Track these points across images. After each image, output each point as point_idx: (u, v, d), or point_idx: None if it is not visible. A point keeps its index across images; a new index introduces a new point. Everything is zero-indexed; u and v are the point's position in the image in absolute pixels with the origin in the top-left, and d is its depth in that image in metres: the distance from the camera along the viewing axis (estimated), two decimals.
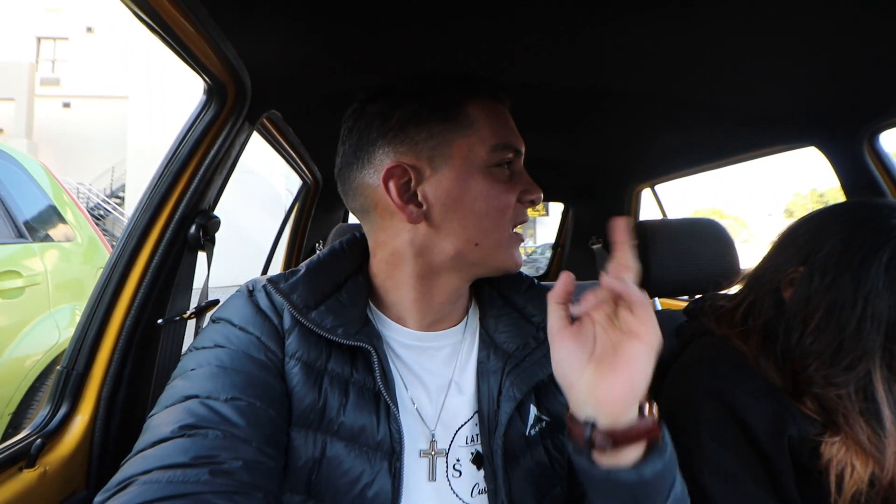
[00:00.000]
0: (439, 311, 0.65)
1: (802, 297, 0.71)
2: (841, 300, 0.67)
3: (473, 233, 0.60)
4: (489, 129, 0.60)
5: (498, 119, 0.62)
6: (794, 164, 21.17)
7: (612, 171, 2.10)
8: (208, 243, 0.96)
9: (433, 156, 0.59)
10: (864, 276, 0.66)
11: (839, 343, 0.67)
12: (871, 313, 0.65)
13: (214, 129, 0.91)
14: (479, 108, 0.61)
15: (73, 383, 0.82)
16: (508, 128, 0.63)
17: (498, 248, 0.61)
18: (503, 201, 0.60)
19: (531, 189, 0.63)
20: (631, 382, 0.46)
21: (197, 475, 0.44)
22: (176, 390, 0.52)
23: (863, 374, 0.66)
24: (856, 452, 0.66)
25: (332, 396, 0.57)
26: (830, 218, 0.74)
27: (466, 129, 0.60)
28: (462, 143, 0.59)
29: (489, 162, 0.60)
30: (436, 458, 0.59)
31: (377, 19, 0.78)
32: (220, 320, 0.60)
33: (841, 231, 0.71)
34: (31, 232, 2.25)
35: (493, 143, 0.60)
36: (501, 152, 0.60)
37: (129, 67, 14.92)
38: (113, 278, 0.85)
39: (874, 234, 0.67)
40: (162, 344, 0.91)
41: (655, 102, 1.19)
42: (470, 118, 0.60)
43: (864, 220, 0.70)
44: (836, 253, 0.69)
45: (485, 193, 0.59)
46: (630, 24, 0.80)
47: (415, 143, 0.59)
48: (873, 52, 0.84)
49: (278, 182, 13.25)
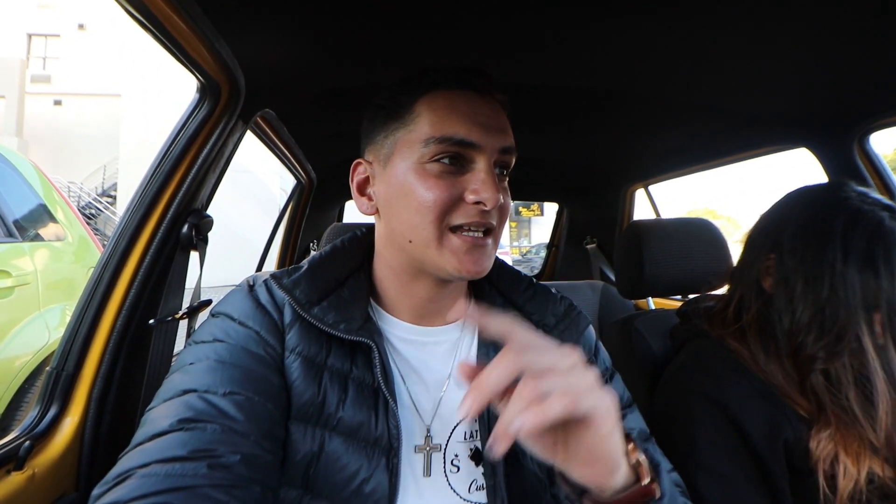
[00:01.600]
0: (426, 307, 0.65)
1: (780, 280, 0.76)
2: (812, 273, 0.72)
3: (405, 229, 0.60)
4: (428, 123, 0.59)
5: (445, 110, 0.59)
6: (786, 165, 21.48)
7: (607, 171, 2.11)
8: (201, 243, 0.95)
9: (387, 154, 0.62)
10: (826, 246, 0.71)
11: (822, 312, 0.71)
12: (842, 280, 0.69)
13: (207, 128, 0.90)
14: (427, 103, 0.60)
15: (62, 384, 0.81)
16: (455, 119, 0.58)
17: (428, 248, 0.58)
18: (430, 197, 0.57)
19: (479, 188, 0.57)
20: (602, 469, 0.42)
21: (195, 468, 0.44)
22: (174, 384, 0.53)
23: (853, 340, 0.69)
24: (846, 446, 0.67)
25: (331, 391, 0.57)
26: (788, 203, 0.80)
27: (410, 125, 0.60)
28: (404, 140, 0.60)
29: (424, 157, 0.58)
30: (431, 452, 0.59)
31: (371, 17, 0.78)
32: (219, 314, 0.60)
33: (799, 211, 0.77)
34: (21, 231, 2.23)
35: (426, 136, 0.58)
36: (436, 146, 0.57)
37: (122, 65, 14.78)
38: (104, 278, 0.84)
39: (828, 207, 0.73)
40: (153, 344, 0.91)
41: (649, 103, 1.20)
42: (414, 113, 0.60)
43: (817, 198, 0.76)
44: (798, 232, 0.75)
45: (413, 189, 0.58)
46: (624, 25, 0.80)
47: (375, 143, 0.64)
48: (863, 53, 0.85)
49: (272, 181, 13.18)
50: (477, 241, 0.58)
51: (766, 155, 1.49)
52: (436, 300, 0.65)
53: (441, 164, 0.58)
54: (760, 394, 0.74)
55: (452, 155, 0.58)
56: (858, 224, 0.70)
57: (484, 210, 0.57)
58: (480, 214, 0.58)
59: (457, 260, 0.58)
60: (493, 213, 0.59)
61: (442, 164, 0.58)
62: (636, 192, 2.27)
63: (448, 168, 0.58)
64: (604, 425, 0.40)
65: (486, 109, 0.60)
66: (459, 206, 0.58)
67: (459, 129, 0.58)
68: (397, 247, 0.62)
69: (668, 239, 1.12)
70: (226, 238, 5.44)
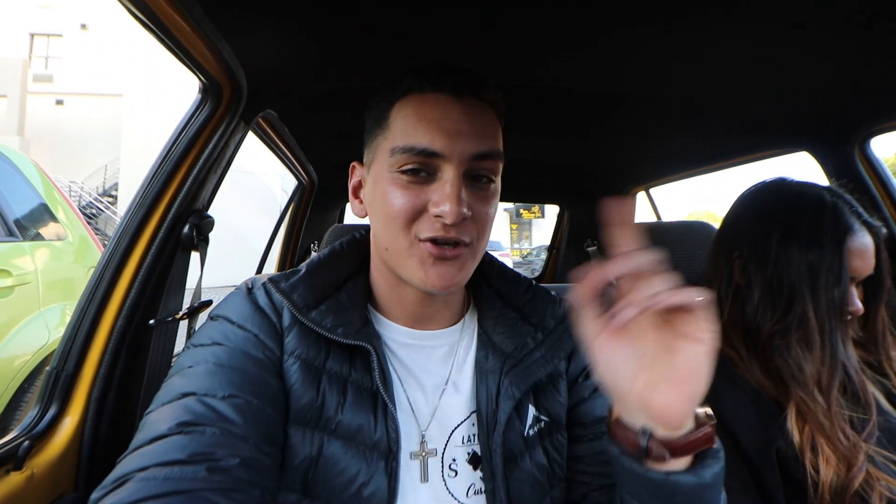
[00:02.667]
0: (419, 312, 0.64)
1: (742, 270, 0.81)
2: (760, 256, 0.78)
3: (381, 236, 0.60)
4: (400, 130, 0.57)
5: (412, 118, 0.57)
6: (786, 169, 21.61)
7: (608, 174, 2.11)
8: (202, 243, 0.95)
9: (371, 160, 0.63)
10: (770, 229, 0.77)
11: (770, 290, 0.76)
12: (785, 257, 0.75)
13: (209, 129, 0.90)
14: (398, 109, 0.59)
15: (62, 384, 0.81)
16: (419, 127, 0.56)
17: (400, 258, 0.58)
18: (395, 207, 0.56)
19: (439, 200, 0.55)
20: (691, 391, 0.42)
21: (194, 472, 0.44)
22: (173, 387, 0.52)
23: (799, 313, 0.73)
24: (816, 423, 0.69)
25: (330, 395, 0.57)
26: (741, 202, 0.86)
27: (386, 131, 0.59)
28: (381, 147, 0.60)
29: (393, 166, 0.57)
30: (427, 458, 0.59)
31: (374, 19, 0.78)
32: (218, 317, 0.60)
33: (748, 206, 0.84)
34: (22, 230, 2.23)
35: (392, 146, 0.57)
36: (400, 156, 0.56)
37: (124, 65, 14.82)
38: (104, 278, 0.84)
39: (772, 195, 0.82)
40: (153, 345, 0.91)
41: (651, 107, 1.20)
42: (389, 120, 0.59)
43: (763, 189, 0.84)
44: (747, 225, 0.82)
45: (384, 197, 0.57)
46: (627, 31, 0.80)
47: (367, 149, 0.64)
48: (865, 58, 0.85)
49: (273, 182, 13.20)
50: (444, 253, 0.56)
51: (767, 159, 1.49)
52: (427, 306, 0.64)
53: (408, 174, 0.56)
54: (753, 402, 0.74)
55: (418, 165, 0.56)
56: (799, 203, 0.77)
57: (447, 224, 0.54)
58: (444, 228, 0.55)
59: (423, 272, 0.56)
60: (463, 227, 0.56)
61: (409, 174, 0.56)
62: (637, 195, 2.28)
63: (414, 178, 0.56)
64: (709, 342, 0.41)
65: (458, 114, 0.57)
66: (424, 217, 0.56)
67: (422, 139, 0.55)
68: (380, 252, 0.62)
69: (669, 242, 1.12)
70: (227, 239, 5.45)
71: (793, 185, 0.80)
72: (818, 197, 0.76)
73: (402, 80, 0.60)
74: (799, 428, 0.70)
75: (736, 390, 0.75)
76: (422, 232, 0.56)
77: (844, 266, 0.72)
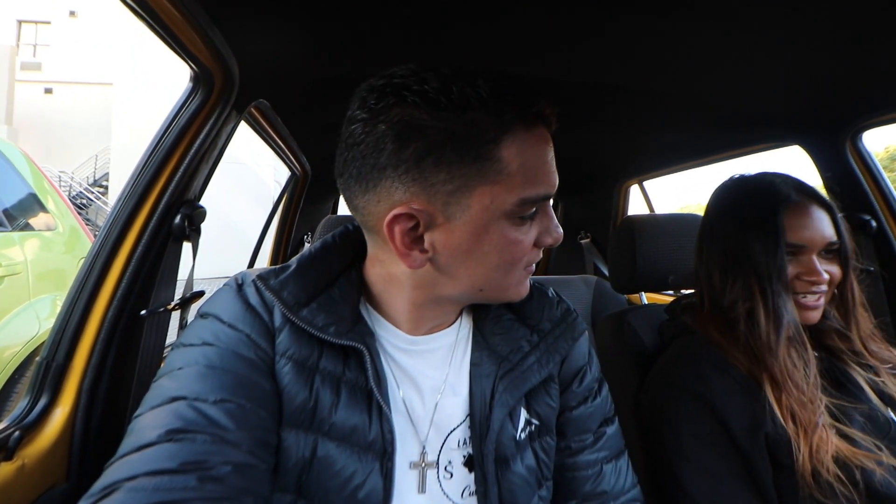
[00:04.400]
0: (432, 322, 0.64)
1: (704, 261, 0.89)
2: (719, 244, 0.86)
3: (480, 281, 0.56)
4: (522, 177, 0.51)
5: (535, 160, 0.53)
6: (779, 163, 21.58)
7: (601, 167, 2.12)
8: (193, 234, 0.95)
9: (449, 202, 0.51)
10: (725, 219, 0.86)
11: (723, 268, 0.84)
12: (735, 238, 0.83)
13: (201, 118, 0.89)
14: (514, 148, 0.51)
15: (53, 374, 0.80)
16: (545, 171, 0.53)
17: (505, 291, 0.59)
18: (518, 251, 0.55)
19: (551, 232, 0.56)
20: None
21: (185, 481, 0.43)
22: (162, 390, 0.51)
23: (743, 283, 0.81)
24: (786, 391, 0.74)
25: (323, 395, 0.55)
26: (710, 201, 0.93)
27: (495, 175, 0.50)
28: (486, 192, 0.51)
29: (514, 213, 0.52)
30: (426, 469, 0.58)
31: (369, 7, 0.77)
32: (207, 315, 0.58)
33: (712, 205, 0.91)
34: (11, 220, 2.21)
35: (523, 195, 0.51)
36: (531, 205, 0.53)
37: (114, 53, 14.58)
38: (95, 268, 0.83)
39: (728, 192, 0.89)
40: (145, 335, 0.90)
41: (644, 99, 1.20)
42: (502, 163, 0.50)
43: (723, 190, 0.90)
44: (710, 220, 0.90)
45: (500, 246, 0.53)
46: (619, 22, 0.80)
47: (430, 185, 0.50)
48: (856, 52, 0.85)
49: (266, 172, 13.10)
50: (529, 271, 0.60)
51: (759, 152, 1.50)
52: (443, 315, 0.64)
53: (525, 218, 0.54)
54: (743, 389, 0.75)
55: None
56: (748, 191, 0.86)
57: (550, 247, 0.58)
58: (541, 253, 0.59)
59: (522, 290, 0.60)
60: None
61: (526, 217, 0.54)
62: (630, 188, 2.29)
63: (531, 216, 0.55)
64: None
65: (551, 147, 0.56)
66: (532, 249, 0.57)
67: (548, 186, 0.54)
68: (444, 291, 0.59)
69: (662, 234, 1.13)
70: (219, 229, 5.41)
71: (748, 178, 0.88)
72: (759, 182, 0.86)
73: (505, 107, 0.50)
74: (776, 399, 0.73)
75: (725, 377, 0.77)
76: (530, 263, 0.58)
77: (780, 232, 0.78)
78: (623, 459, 0.68)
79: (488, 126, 0.50)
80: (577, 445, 0.66)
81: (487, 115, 0.50)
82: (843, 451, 0.69)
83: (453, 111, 0.49)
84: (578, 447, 0.66)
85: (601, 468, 0.66)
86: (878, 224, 1.17)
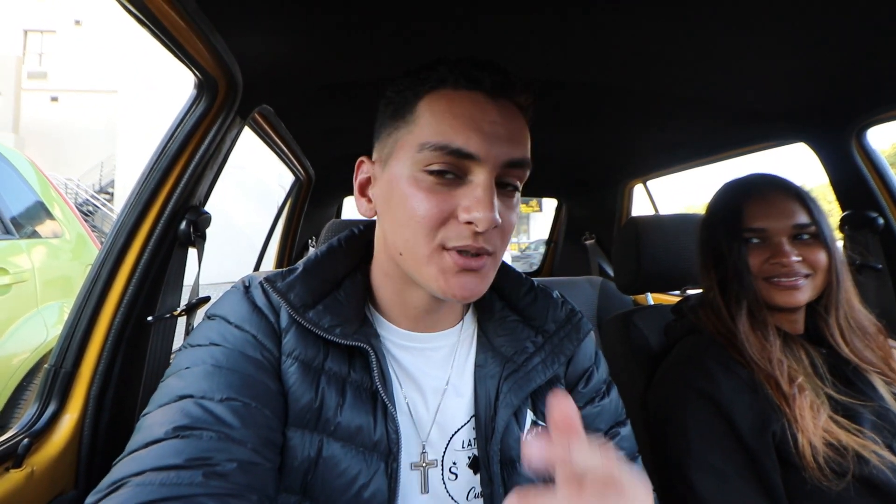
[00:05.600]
0: (422, 316, 0.63)
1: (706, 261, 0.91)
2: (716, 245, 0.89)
3: (397, 241, 0.56)
4: (427, 126, 0.53)
5: (445, 114, 0.53)
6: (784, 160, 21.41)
7: (605, 167, 2.11)
8: (199, 239, 0.95)
9: (387, 155, 0.58)
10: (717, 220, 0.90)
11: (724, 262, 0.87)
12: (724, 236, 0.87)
13: (205, 124, 0.90)
14: (431, 102, 0.55)
15: (61, 382, 0.81)
16: (454, 125, 0.52)
17: (419, 265, 0.55)
18: (420, 211, 0.52)
19: (472, 205, 0.51)
20: None
21: (191, 477, 0.43)
22: (170, 389, 0.52)
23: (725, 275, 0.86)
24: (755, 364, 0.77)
25: (329, 396, 0.56)
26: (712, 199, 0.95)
27: (411, 125, 0.55)
28: (403, 143, 0.55)
29: (418, 164, 0.53)
30: (427, 469, 0.58)
31: (370, 12, 0.78)
32: (215, 317, 0.59)
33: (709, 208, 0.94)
34: (18, 228, 2.22)
35: (422, 141, 0.53)
36: (430, 153, 0.52)
37: (119, 61, 14.71)
38: (102, 275, 0.84)
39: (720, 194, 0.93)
40: (152, 341, 0.90)
41: (647, 98, 1.20)
42: (416, 114, 0.55)
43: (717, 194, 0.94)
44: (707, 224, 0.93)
45: (405, 199, 0.54)
46: (622, 20, 0.79)
47: (381, 143, 0.60)
48: (861, 49, 0.85)
49: (270, 177, 13.15)
50: (468, 264, 0.53)
51: (764, 150, 1.49)
52: (432, 311, 0.63)
53: (435, 175, 0.53)
54: (750, 388, 0.75)
55: (448, 166, 0.53)
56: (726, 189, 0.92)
57: (477, 231, 0.52)
58: (473, 237, 0.52)
59: (444, 281, 0.54)
60: (490, 236, 0.54)
61: (436, 175, 0.53)
62: (634, 188, 2.28)
63: (441, 180, 0.53)
64: None
65: (495, 115, 0.54)
66: (451, 223, 0.53)
67: (457, 138, 0.52)
68: (391, 255, 0.59)
69: (666, 235, 1.12)
70: (224, 235, 5.44)
71: (730, 181, 0.93)
72: (737, 180, 0.91)
73: (432, 72, 0.55)
74: (773, 388, 0.74)
75: (732, 376, 0.76)
76: (450, 240, 0.53)
77: (739, 219, 0.85)
78: (638, 464, 0.67)
79: (409, 88, 0.57)
80: None
81: (413, 80, 0.57)
82: (838, 435, 0.69)
83: (393, 83, 0.59)
84: None
85: None
86: (886, 221, 1.16)
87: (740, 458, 0.73)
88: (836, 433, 0.70)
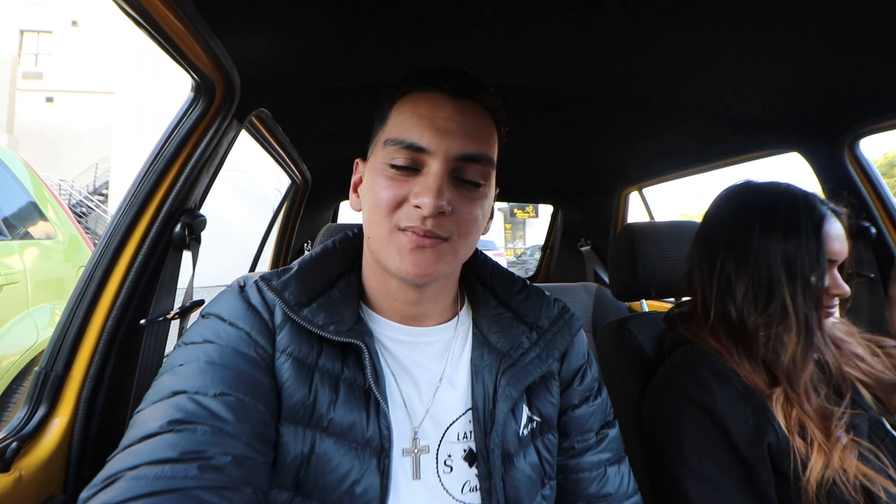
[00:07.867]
0: (409, 310, 0.65)
1: (723, 268, 0.83)
2: (742, 252, 0.80)
3: (367, 227, 0.62)
4: (393, 126, 0.60)
5: (407, 114, 0.59)
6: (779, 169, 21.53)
7: (601, 174, 2.12)
8: (194, 242, 0.94)
9: (369, 154, 0.65)
10: (751, 226, 0.80)
11: (752, 284, 0.79)
12: (764, 250, 0.78)
13: (202, 127, 0.90)
14: (400, 106, 0.61)
15: (51, 385, 0.80)
16: (412, 123, 0.58)
17: (381, 246, 0.59)
18: (380, 196, 0.58)
19: (420, 192, 0.56)
20: None
21: (185, 470, 0.44)
22: (164, 385, 0.52)
23: (780, 302, 0.76)
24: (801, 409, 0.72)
25: (322, 392, 0.57)
26: (718, 203, 0.89)
27: (385, 127, 0.61)
28: (377, 141, 0.62)
29: (384, 159, 0.59)
30: (419, 455, 0.59)
31: (366, 19, 0.78)
32: (209, 315, 0.60)
33: (726, 208, 0.87)
34: (10, 229, 2.21)
35: (387, 136, 0.60)
36: (390, 147, 0.58)
37: (115, 62, 14.67)
38: (95, 277, 0.83)
39: (748, 196, 0.85)
40: (144, 345, 0.90)
41: (643, 106, 1.21)
42: (389, 117, 0.61)
43: (738, 191, 0.87)
44: (728, 223, 0.84)
45: (370, 187, 0.60)
46: (618, 29, 0.80)
47: (371, 150, 0.65)
48: (854, 59, 0.86)
49: (267, 181, 13.13)
50: (420, 242, 0.56)
51: (758, 159, 1.51)
52: (415, 303, 0.64)
53: (397, 168, 0.58)
54: (744, 398, 0.75)
55: (406, 160, 0.58)
56: (774, 199, 0.81)
57: (424, 216, 0.55)
58: (422, 220, 0.56)
59: (399, 259, 0.57)
60: (441, 222, 0.57)
61: (398, 168, 0.58)
62: (630, 195, 2.29)
63: (401, 172, 0.58)
64: None
65: (450, 112, 0.58)
66: (405, 206, 0.57)
67: (412, 133, 0.57)
68: (367, 242, 0.64)
69: (662, 242, 1.13)
70: (219, 238, 5.41)
71: (762, 185, 0.85)
72: (789, 191, 0.81)
73: (406, 81, 0.62)
74: (785, 412, 0.72)
75: (726, 386, 0.76)
76: (401, 221, 0.57)
77: (823, 250, 0.75)
78: (625, 464, 0.70)
79: (389, 96, 0.63)
80: (581, 446, 0.68)
81: (392, 90, 0.63)
82: (864, 471, 0.68)
83: (382, 94, 0.65)
84: (582, 447, 0.68)
85: (605, 470, 0.67)
86: (878, 230, 1.17)
87: (734, 468, 0.72)
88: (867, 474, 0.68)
